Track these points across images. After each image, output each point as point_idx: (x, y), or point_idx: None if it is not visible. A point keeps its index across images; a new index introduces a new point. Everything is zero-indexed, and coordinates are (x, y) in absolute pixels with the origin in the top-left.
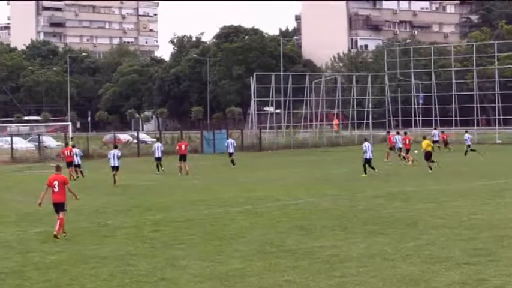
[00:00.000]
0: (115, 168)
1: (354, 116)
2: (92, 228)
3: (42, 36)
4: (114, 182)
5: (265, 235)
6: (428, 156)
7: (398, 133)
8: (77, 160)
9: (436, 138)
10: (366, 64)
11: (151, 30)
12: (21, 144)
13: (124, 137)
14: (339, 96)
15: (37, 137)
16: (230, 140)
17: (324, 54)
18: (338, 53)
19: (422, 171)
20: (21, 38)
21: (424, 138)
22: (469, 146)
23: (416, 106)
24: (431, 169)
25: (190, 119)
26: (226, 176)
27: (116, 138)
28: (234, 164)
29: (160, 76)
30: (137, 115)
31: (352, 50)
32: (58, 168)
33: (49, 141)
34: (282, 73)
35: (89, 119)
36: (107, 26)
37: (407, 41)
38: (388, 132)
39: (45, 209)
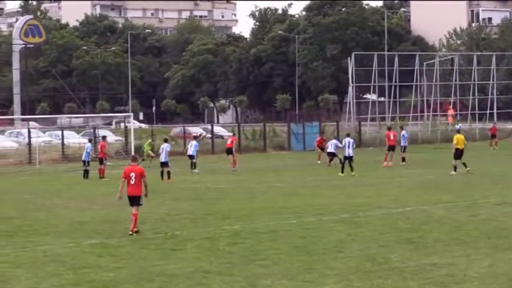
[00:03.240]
0: (164, 165)
1: (474, 105)
2: (157, 240)
3: (98, 10)
4: (162, 178)
5: (366, 250)
6: (457, 155)
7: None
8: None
9: None
10: (489, 41)
11: (228, 2)
12: (74, 139)
13: (195, 130)
14: (456, 80)
15: (92, 130)
16: (335, 141)
17: (437, 29)
18: (455, 28)
19: None
20: (74, 12)
21: (458, 132)
22: None
23: None
24: (455, 170)
25: (275, 108)
26: (318, 178)
27: (185, 131)
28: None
29: (239, 57)
30: (211, 104)
31: (473, 25)
32: (135, 159)
33: (107, 135)
34: (386, 53)
35: (154, 109)
36: None
37: None
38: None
39: (99, 218)
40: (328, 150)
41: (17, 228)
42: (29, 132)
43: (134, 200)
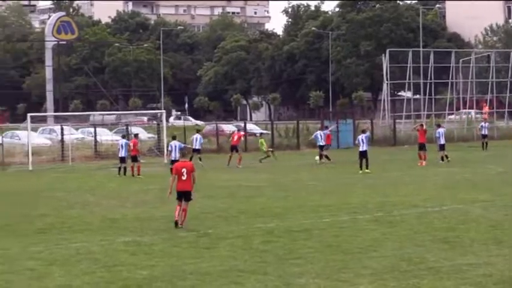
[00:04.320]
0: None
1: (511, 102)
2: (190, 239)
3: (130, 7)
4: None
5: (401, 249)
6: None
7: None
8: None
9: None
10: None
11: None
12: (106, 137)
13: (228, 128)
14: (492, 78)
15: (125, 127)
16: (319, 132)
17: (474, 26)
18: (491, 24)
19: None
20: (106, 9)
21: None
22: None
23: None
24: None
25: (308, 106)
26: (353, 177)
27: (218, 129)
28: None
29: (271, 54)
30: (244, 102)
31: (510, 21)
32: (185, 154)
33: (139, 132)
34: (421, 49)
35: (186, 106)
36: None
37: None
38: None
39: (132, 215)
40: (319, 143)
41: (50, 226)
42: (62, 129)
43: (185, 195)
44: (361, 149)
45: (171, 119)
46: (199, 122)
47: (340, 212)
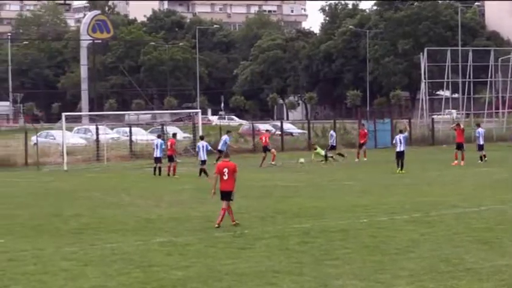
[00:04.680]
0: (204, 163)
1: None
2: (226, 239)
3: (166, 6)
4: (200, 174)
5: (439, 250)
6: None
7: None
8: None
9: None
10: None
11: None
12: (142, 136)
13: (264, 127)
14: None
15: (160, 127)
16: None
17: None
18: None
19: None
20: (142, 7)
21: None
22: None
23: None
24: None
25: (345, 105)
26: (390, 177)
27: (254, 129)
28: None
29: (308, 53)
30: (280, 101)
31: None
32: (227, 155)
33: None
34: (459, 48)
35: (222, 105)
36: None
37: None
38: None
39: (167, 215)
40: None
41: (86, 226)
42: (97, 128)
43: (227, 195)
44: (398, 149)
45: (215, 118)
46: (243, 122)
47: (377, 212)
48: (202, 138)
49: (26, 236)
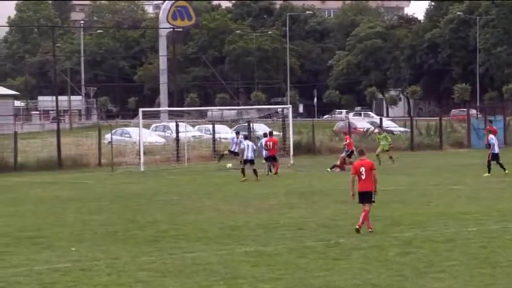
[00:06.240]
0: (250, 162)
1: None
2: (318, 248)
3: None
4: (244, 175)
5: None
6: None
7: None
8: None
9: None
10: None
11: None
12: (226, 134)
13: (362, 125)
14: None
15: (246, 124)
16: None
17: None
18: None
19: None
20: None
21: None
22: None
23: None
24: None
25: (452, 100)
26: (503, 180)
27: (351, 126)
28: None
29: (411, 42)
30: (380, 95)
31: None
32: (362, 152)
33: (262, 130)
34: None
35: (315, 100)
36: None
37: None
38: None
39: (254, 222)
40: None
41: (164, 233)
42: (177, 126)
43: (366, 196)
44: (493, 152)
45: (350, 115)
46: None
47: (488, 220)
48: (246, 137)
49: (99, 244)
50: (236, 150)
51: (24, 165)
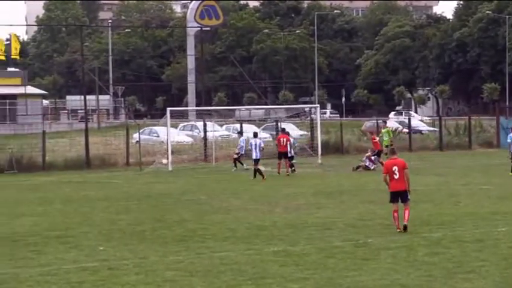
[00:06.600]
0: (257, 162)
1: None
2: (346, 248)
3: None
4: (255, 176)
5: None
6: None
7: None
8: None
9: None
10: None
11: None
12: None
13: (390, 124)
14: None
15: (274, 123)
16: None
17: None
18: None
19: None
20: None
21: None
22: None
23: None
24: None
25: (481, 100)
26: None
27: (378, 126)
28: None
29: (440, 41)
30: (408, 95)
31: None
32: (393, 151)
33: (291, 129)
34: None
35: (343, 99)
36: None
37: None
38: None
39: (282, 222)
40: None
41: (192, 233)
42: (205, 125)
43: (401, 196)
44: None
45: (391, 115)
46: (426, 119)
47: None
48: (256, 135)
49: (127, 243)
50: (242, 152)
51: (52, 165)
